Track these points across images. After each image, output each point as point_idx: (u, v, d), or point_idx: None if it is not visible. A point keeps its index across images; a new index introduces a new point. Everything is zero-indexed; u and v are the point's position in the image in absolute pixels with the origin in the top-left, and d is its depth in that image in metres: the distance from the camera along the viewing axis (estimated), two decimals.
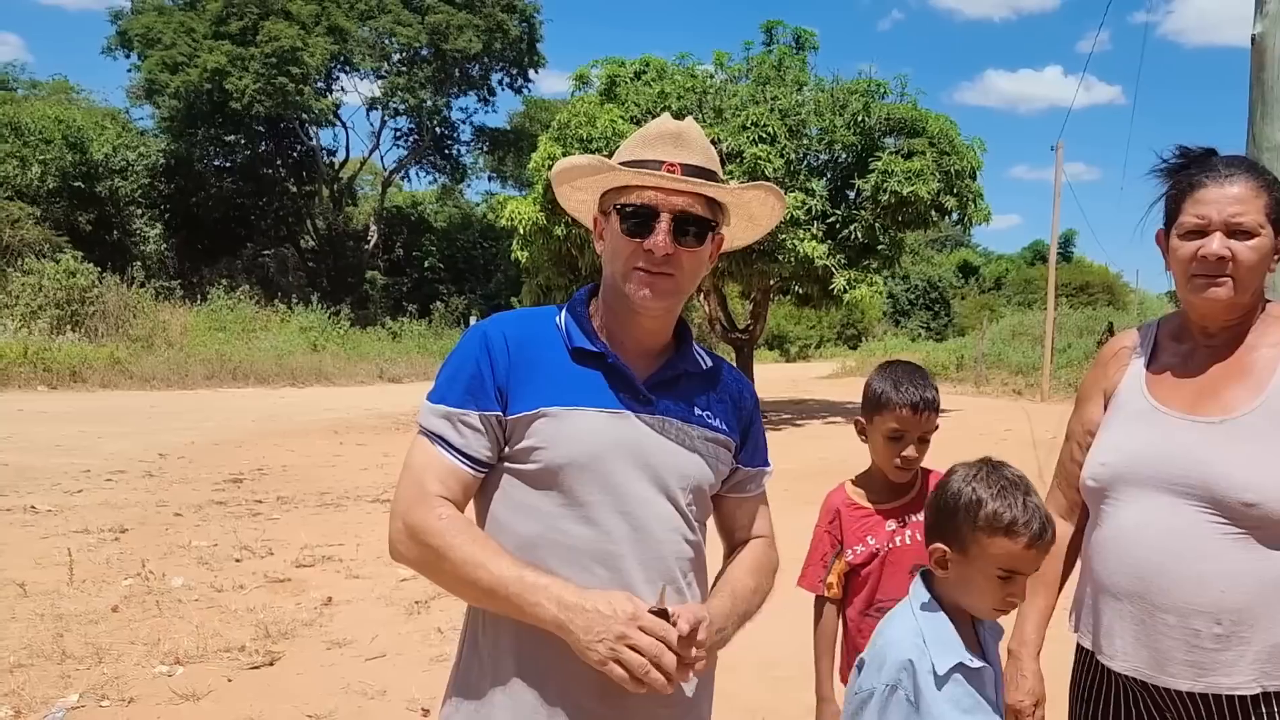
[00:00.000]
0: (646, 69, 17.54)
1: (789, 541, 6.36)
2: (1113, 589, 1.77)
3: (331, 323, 31.56)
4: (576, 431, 1.51)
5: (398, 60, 39.04)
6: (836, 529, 2.37)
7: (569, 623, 1.40)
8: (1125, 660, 1.76)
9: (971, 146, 16.99)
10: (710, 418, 1.64)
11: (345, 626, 5.11)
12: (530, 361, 1.55)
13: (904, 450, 2.29)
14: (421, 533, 1.49)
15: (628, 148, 1.59)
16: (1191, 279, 1.76)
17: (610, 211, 1.57)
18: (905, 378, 2.32)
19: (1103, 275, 58.51)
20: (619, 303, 1.60)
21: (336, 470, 10.84)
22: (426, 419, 1.55)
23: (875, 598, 2.32)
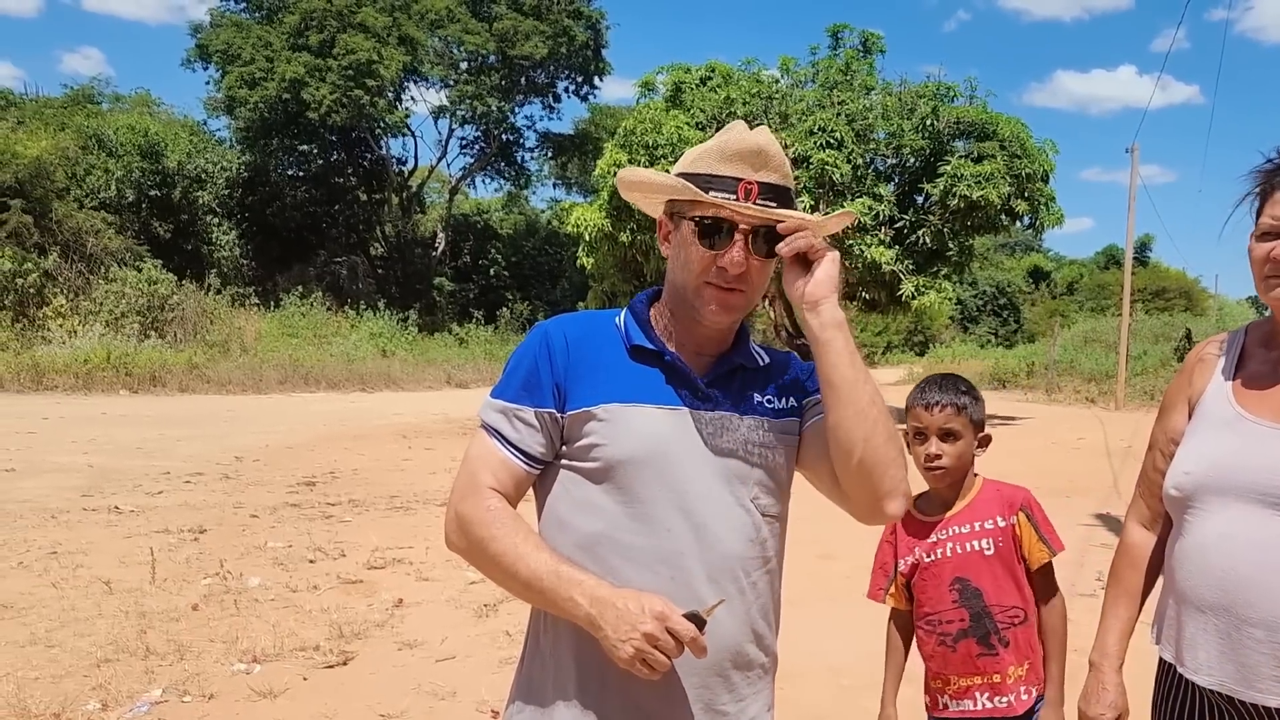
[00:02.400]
0: (712, 75, 17.54)
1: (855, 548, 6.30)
2: (1196, 601, 1.73)
3: (400, 328, 32.13)
4: (635, 428, 1.52)
5: (465, 68, 39.58)
6: (894, 539, 2.38)
7: (599, 618, 1.41)
8: (1210, 674, 1.71)
9: (1043, 149, 16.68)
10: (770, 401, 1.63)
11: (416, 628, 5.19)
12: (589, 359, 1.56)
13: (927, 448, 2.30)
14: (469, 523, 1.53)
15: (704, 159, 1.55)
16: (1265, 280, 1.73)
17: (682, 218, 1.56)
18: (928, 382, 2.40)
19: (1180, 280, 56.79)
20: (683, 309, 1.60)
21: (406, 474, 11.03)
22: (485, 413, 1.59)
23: (924, 610, 2.32)
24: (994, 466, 2.39)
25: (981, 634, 2.25)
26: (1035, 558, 2.29)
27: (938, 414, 2.30)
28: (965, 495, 2.34)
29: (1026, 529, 2.29)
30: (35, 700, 3.95)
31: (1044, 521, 2.31)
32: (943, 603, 2.28)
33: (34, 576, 5.94)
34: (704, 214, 1.53)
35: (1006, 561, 2.27)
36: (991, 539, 2.27)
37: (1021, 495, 2.34)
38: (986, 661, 2.25)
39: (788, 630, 1.82)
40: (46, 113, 32.51)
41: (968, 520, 2.30)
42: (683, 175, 1.54)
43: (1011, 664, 2.25)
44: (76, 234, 26.53)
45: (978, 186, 15.40)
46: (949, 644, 2.28)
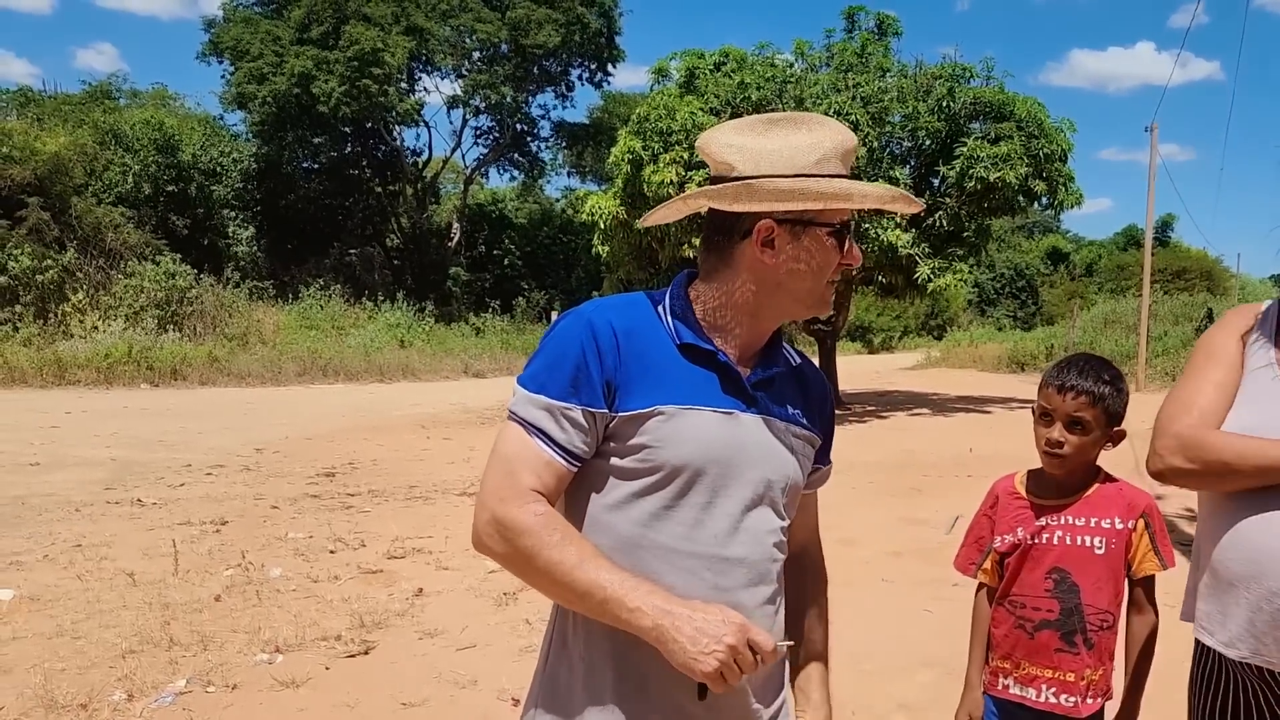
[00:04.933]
0: (726, 60, 17.43)
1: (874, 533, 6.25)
2: (1227, 575, 1.73)
3: (417, 319, 32.25)
4: (692, 431, 1.48)
5: (478, 58, 39.57)
6: (994, 514, 2.33)
7: (673, 630, 1.37)
8: (1242, 646, 1.71)
9: (1061, 128, 16.52)
10: (800, 415, 1.62)
11: (436, 617, 5.21)
12: (640, 355, 1.50)
13: (1049, 432, 2.22)
14: (513, 529, 1.44)
15: (827, 160, 1.52)
16: None
17: (810, 225, 1.52)
18: (1070, 362, 2.27)
19: (1201, 260, 56.26)
20: (764, 309, 1.56)
21: (425, 464, 11.07)
22: (524, 409, 1.48)
23: (1010, 590, 2.27)
24: (1014, 449, 2.35)
25: (1067, 630, 2.20)
26: (1144, 568, 2.22)
27: (1069, 400, 2.20)
28: (1086, 487, 2.26)
29: (1143, 537, 2.21)
30: (62, 691, 3.99)
31: (1161, 532, 2.24)
32: (1035, 589, 2.23)
33: (59, 569, 6.00)
34: (834, 218, 1.52)
35: (1113, 564, 2.20)
36: (1105, 539, 2.20)
37: (1145, 501, 2.24)
38: (1064, 658, 2.20)
39: None
40: (65, 109, 32.76)
41: (1085, 514, 2.22)
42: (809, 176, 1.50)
43: (1088, 666, 2.20)
44: (95, 229, 26.73)
45: (994, 168, 15.27)
46: (1027, 630, 2.23)
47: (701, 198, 1.54)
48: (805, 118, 1.55)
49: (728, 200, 1.50)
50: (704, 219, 1.59)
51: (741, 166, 1.50)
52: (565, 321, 1.54)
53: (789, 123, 1.53)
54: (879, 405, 19.67)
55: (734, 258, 1.54)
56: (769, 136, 1.51)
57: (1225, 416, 1.81)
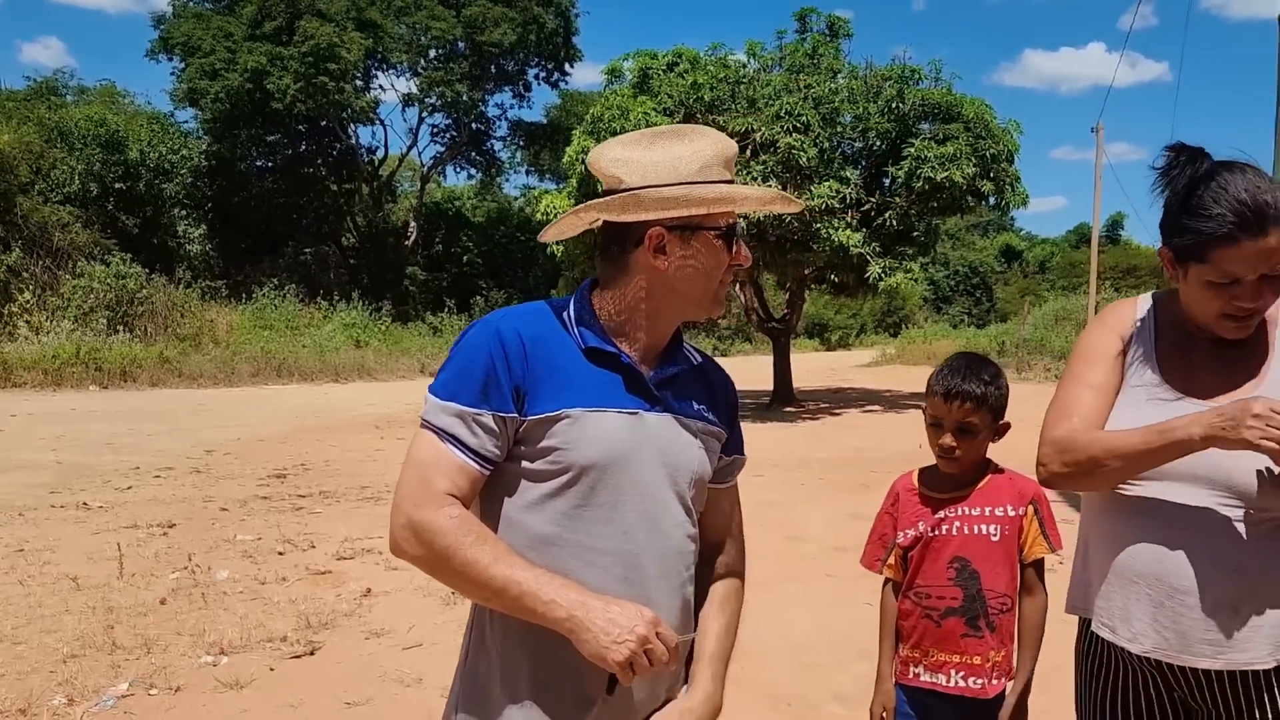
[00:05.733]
0: (679, 60, 17.53)
1: (823, 530, 6.34)
2: (1129, 573, 1.80)
3: (373, 319, 32.02)
4: (598, 433, 1.54)
5: (434, 56, 39.35)
6: (895, 511, 2.42)
7: (585, 621, 1.43)
8: (1145, 641, 1.79)
9: (1008, 129, 16.82)
10: (705, 411, 1.70)
11: (383, 617, 5.24)
12: (546, 361, 1.56)
13: (941, 439, 2.33)
14: (428, 531, 1.49)
15: (710, 167, 1.60)
16: (1219, 318, 1.77)
17: (698, 229, 1.59)
18: (953, 367, 2.37)
19: (1151, 258, 57.32)
20: (662, 311, 1.64)
21: (378, 464, 11.04)
22: (437, 416, 1.53)
23: (915, 582, 2.36)
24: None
25: (971, 615, 2.30)
26: (1034, 551, 2.33)
27: (957, 409, 2.30)
28: (979, 479, 2.37)
29: (1033, 522, 2.33)
30: (0, 697, 3.98)
31: (1049, 517, 2.35)
32: (938, 579, 2.33)
33: (0, 575, 5.94)
34: (723, 221, 1.61)
35: (1008, 550, 2.31)
36: (999, 526, 2.31)
37: (1033, 488, 2.35)
38: (970, 642, 2.30)
39: (752, 611, 1.90)
40: (9, 106, 32.05)
41: (979, 504, 2.33)
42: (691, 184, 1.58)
43: (992, 649, 2.30)
44: (42, 229, 26.19)
45: (942, 168, 15.52)
46: (934, 618, 2.32)
47: (593, 210, 1.62)
48: (688, 130, 1.63)
49: (616, 211, 1.59)
50: (601, 231, 1.67)
51: (629, 179, 1.58)
52: (474, 331, 1.60)
53: (673, 135, 1.62)
54: (833, 402, 19.90)
55: (629, 265, 1.62)
56: (654, 149, 1.59)
57: (1105, 418, 1.87)
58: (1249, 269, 1.67)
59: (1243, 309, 1.72)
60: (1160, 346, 1.89)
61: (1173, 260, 1.79)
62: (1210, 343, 1.84)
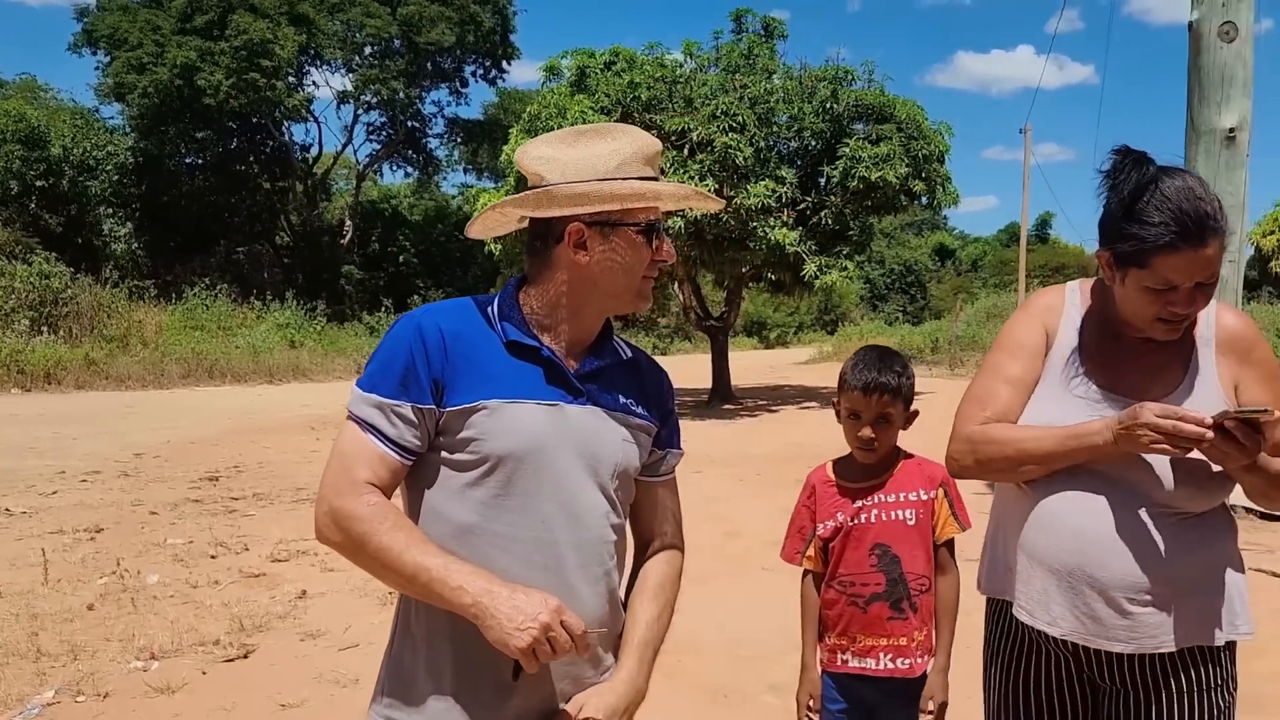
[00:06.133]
0: (616, 59, 17.56)
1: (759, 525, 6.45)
2: (1048, 561, 1.86)
3: (308, 319, 31.47)
4: (515, 424, 1.58)
5: (369, 53, 38.82)
6: (813, 504, 2.48)
7: (491, 608, 1.47)
8: (1063, 625, 1.86)
9: (939, 130, 17.16)
10: (634, 405, 1.73)
11: (319, 618, 5.19)
12: (466, 354, 1.60)
13: (860, 430, 2.39)
14: (347, 518, 1.53)
15: (630, 163, 1.64)
16: (1153, 322, 1.82)
17: (619, 225, 1.63)
18: (865, 361, 2.43)
19: (1078, 256, 58.96)
20: (585, 306, 1.67)
21: (313, 465, 10.87)
22: (359, 407, 1.58)
23: (838, 572, 2.42)
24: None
25: (895, 599, 2.37)
26: (946, 531, 2.42)
27: (875, 401, 2.37)
28: (891, 467, 2.45)
29: (943, 504, 2.42)
30: None
31: (958, 498, 2.45)
32: (861, 566, 2.39)
33: None
34: (643, 218, 1.65)
35: (923, 532, 2.40)
36: (914, 510, 2.40)
37: (942, 472, 2.42)
38: (895, 624, 2.37)
39: (689, 605, 1.93)
40: None
41: (894, 491, 2.41)
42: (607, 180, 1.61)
43: (915, 629, 2.38)
44: None
45: (875, 168, 15.78)
46: (860, 605, 2.38)
47: (510, 205, 1.67)
48: (611, 129, 1.67)
49: (531, 206, 1.64)
50: (527, 227, 1.71)
51: (549, 176, 1.62)
52: (397, 326, 1.65)
53: (595, 134, 1.66)
54: (770, 399, 20.11)
55: (552, 260, 1.66)
56: (575, 147, 1.64)
57: (1019, 413, 1.92)
58: (1186, 277, 1.72)
59: (1177, 314, 1.78)
60: (1086, 340, 1.93)
61: (1111, 263, 1.82)
62: (1137, 341, 1.89)
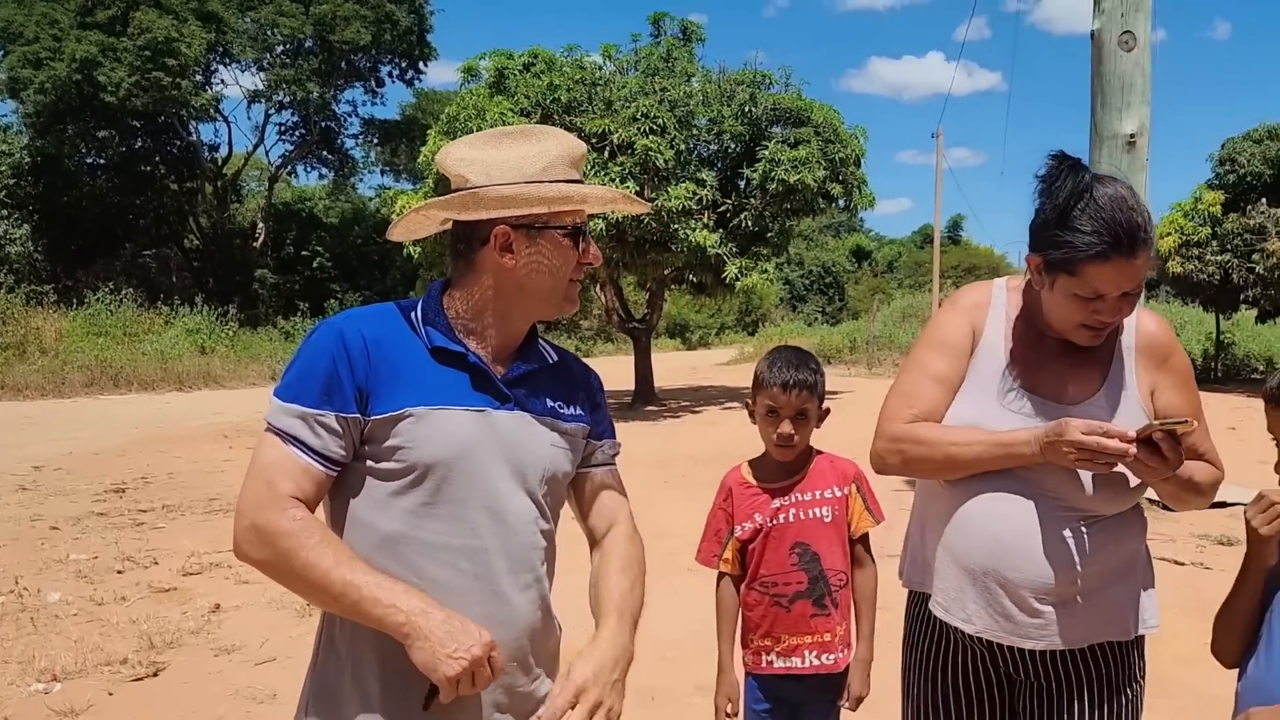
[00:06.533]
0: (535, 61, 17.47)
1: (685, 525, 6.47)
2: (966, 561, 1.89)
3: (219, 324, 30.55)
4: (441, 431, 1.54)
5: (281, 52, 37.89)
6: (729, 506, 2.48)
7: (426, 629, 1.43)
8: (978, 622, 1.89)
9: (855, 134, 17.48)
10: (562, 408, 1.71)
11: (234, 632, 5.03)
12: (390, 361, 1.56)
13: (780, 428, 2.40)
14: (273, 534, 1.47)
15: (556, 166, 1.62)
16: (1077, 328, 1.84)
17: (545, 228, 1.61)
18: (782, 359, 2.45)
19: (988, 257, 60.79)
20: (512, 310, 1.64)
21: (227, 475, 10.56)
22: (280, 418, 1.52)
23: (759, 573, 2.43)
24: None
25: (817, 596, 2.39)
26: (861, 526, 2.46)
27: (795, 398, 2.39)
28: (806, 465, 2.47)
29: (856, 499, 2.46)
30: None
31: (870, 493, 2.49)
32: (782, 565, 2.40)
33: None
34: (570, 220, 1.63)
35: (839, 528, 2.43)
36: (830, 507, 2.42)
37: (854, 468, 2.49)
38: (819, 621, 2.39)
39: None
40: None
41: (810, 489, 2.44)
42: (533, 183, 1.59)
43: (837, 624, 2.41)
44: None
45: (794, 171, 15.99)
46: (784, 604, 2.39)
47: (434, 208, 1.62)
48: (536, 130, 1.65)
49: (456, 209, 1.60)
50: (451, 230, 1.66)
51: (474, 178, 1.59)
52: (317, 333, 1.59)
53: (520, 135, 1.63)
54: (693, 400, 20.21)
55: (477, 264, 1.63)
56: (500, 149, 1.61)
57: (945, 411, 1.93)
58: (1114, 286, 1.75)
59: (1102, 322, 1.81)
60: (1011, 340, 1.95)
61: (1041, 269, 1.83)
62: (1060, 344, 1.92)
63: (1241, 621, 1.75)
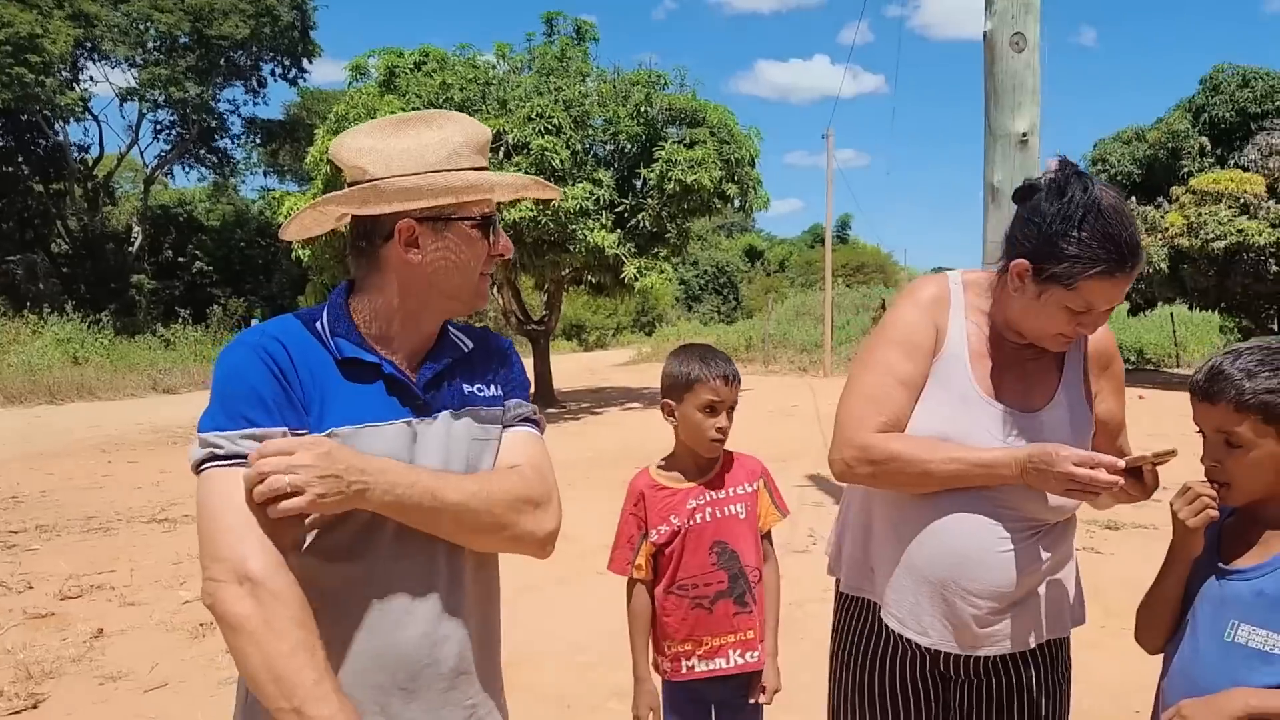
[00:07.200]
0: (426, 60, 17.13)
1: (592, 528, 6.44)
2: (926, 573, 1.88)
3: (92, 332, 29.08)
4: (369, 451, 1.45)
5: (155, 48, 36.31)
6: (641, 511, 2.43)
7: None
8: (933, 635, 1.88)
9: (749, 135, 17.69)
10: (481, 392, 1.63)
11: (120, 658, 4.74)
12: (312, 377, 1.46)
13: (719, 421, 2.38)
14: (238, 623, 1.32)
15: (460, 155, 1.52)
16: (1054, 336, 1.83)
17: (451, 220, 1.51)
18: (710, 354, 2.44)
19: (875, 255, 62.58)
20: (422, 310, 1.55)
21: (106, 491, 10.02)
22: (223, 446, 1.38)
23: (678, 576, 2.39)
24: None
25: (739, 594, 2.38)
26: (768, 521, 2.47)
27: (734, 390, 2.39)
28: (716, 463, 2.46)
29: (764, 495, 2.46)
30: None
31: (775, 488, 2.51)
32: (703, 566, 2.37)
33: None
34: (478, 211, 1.53)
35: (752, 525, 2.43)
36: (744, 504, 2.42)
37: (759, 464, 2.51)
38: (741, 619, 2.38)
39: (525, 615, 1.83)
40: None
41: (723, 487, 2.43)
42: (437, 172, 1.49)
43: (758, 620, 2.40)
44: None
45: (691, 171, 16.08)
46: (706, 606, 2.37)
47: (332, 203, 1.51)
48: (437, 116, 1.55)
49: (357, 203, 1.49)
50: (350, 227, 1.56)
51: (373, 169, 1.49)
52: (234, 357, 1.45)
53: (420, 121, 1.53)
54: (593, 402, 20.17)
55: (382, 262, 1.53)
56: (400, 136, 1.51)
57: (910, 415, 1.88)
58: (1107, 301, 1.75)
59: (1081, 333, 1.81)
60: (972, 343, 1.91)
61: (1031, 276, 1.78)
62: (1017, 347, 1.90)
63: (1167, 610, 1.78)
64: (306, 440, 1.36)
